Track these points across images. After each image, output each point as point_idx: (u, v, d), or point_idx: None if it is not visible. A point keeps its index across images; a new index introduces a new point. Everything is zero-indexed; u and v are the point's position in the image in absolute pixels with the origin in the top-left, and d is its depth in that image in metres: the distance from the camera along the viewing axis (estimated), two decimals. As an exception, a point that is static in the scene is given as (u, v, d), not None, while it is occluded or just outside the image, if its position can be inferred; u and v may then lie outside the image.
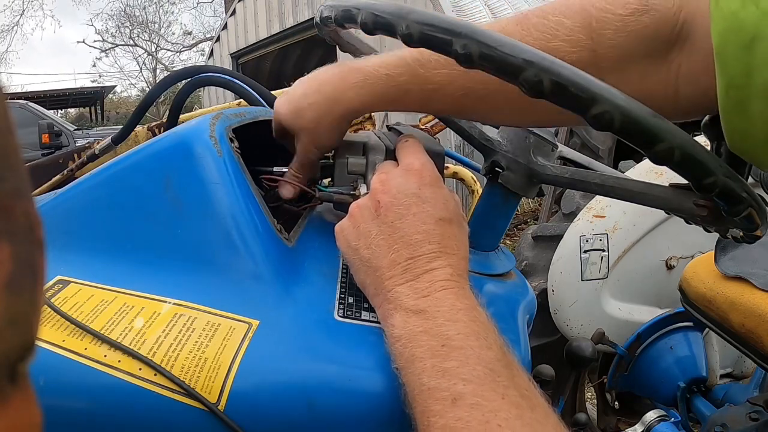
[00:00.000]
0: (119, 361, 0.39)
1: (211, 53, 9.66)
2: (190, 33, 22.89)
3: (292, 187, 0.56)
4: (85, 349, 0.39)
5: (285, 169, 0.57)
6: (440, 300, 0.41)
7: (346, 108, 0.50)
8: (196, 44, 21.94)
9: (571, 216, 1.68)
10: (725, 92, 0.37)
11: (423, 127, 1.41)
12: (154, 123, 1.29)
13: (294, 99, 0.53)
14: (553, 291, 1.44)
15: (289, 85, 0.57)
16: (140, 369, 0.38)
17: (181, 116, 0.95)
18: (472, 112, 0.53)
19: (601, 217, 1.41)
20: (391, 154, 0.52)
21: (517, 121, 0.54)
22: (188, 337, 0.40)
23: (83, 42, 23.17)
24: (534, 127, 0.57)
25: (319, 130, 0.52)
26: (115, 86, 21.60)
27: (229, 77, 0.90)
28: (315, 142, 0.53)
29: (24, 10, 21.33)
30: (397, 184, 0.45)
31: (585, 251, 1.40)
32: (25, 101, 9.57)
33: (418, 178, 0.46)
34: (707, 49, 0.38)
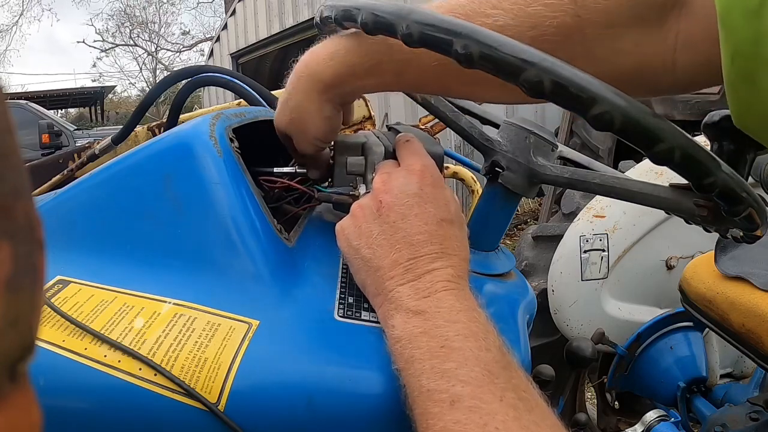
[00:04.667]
0: (119, 361, 0.39)
1: (211, 53, 9.66)
2: (188, 32, 22.91)
3: (315, 170, 0.56)
4: (85, 349, 0.39)
5: (286, 170, 0.56)
6: (440, 301, 0.40)
7: (320, 82, 0.48)
8: (196, 44, 21.95)
9: (571, 216, 1.68)
10: (730, 61, 0.34)
11: (423, 127, 1.41)
12: (154, 123, 1.29)
13: (281, 97, 0.52)
14: (553, 291, 1.44)
15: None
16: (140, 369, 0.38)
17: (181, 116, 0.95)
18: (451, 85, 0.50)
19: (601, 217, 1.41)
20: (390, 154, 0.52)
21: (499, 96, 0.52)
22: (188, 337, 0.40)
23: (83, 42, 23.17)
24: (517, 103, 0.56)
25: (304, 117, 0.50)
26: (115, 86, 21.63)
27: (229, 77, 0.90)
28: (305, 133, 0.51)
29: (23, 10, 21.36)
30: (399, 184, 0.45)
31: (585, 251, 1.40)
32: (25, 101, 9.57)
33: (420, 178, 0.45)
34: (708, 14, 0.35)
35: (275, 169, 0.56)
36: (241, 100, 0.95)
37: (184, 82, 0.92)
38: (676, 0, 0.40)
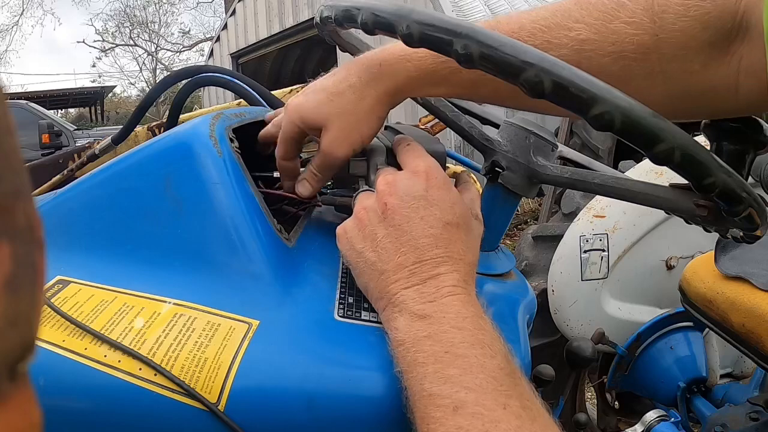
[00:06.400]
0: (119, 361, 0.39)
1: (211, 53, 9.66)
2: (188, 32, 22.93)
3: (309, 185, 0.52)
4: (85, 349, 0.39)
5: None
6: (446, 306, 0.40)
7: (392, 83, 0.46)
8: (195, 44, 21.96)
9: (571, 216, 1.68)
10: None
11: (423, 127, 1.41)
12: (154, 123, 1.28)
13: (326, 87, 0.48)
14: (553, 291, 1.44)
15: (289, 85, 0.55)
16: (140, 369, 0.38)
17: (181, 116, 0.95)
18: (527, 99, 0.50)
19: (601, 217, 1.41)
20: (391, 154, 0.52)
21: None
22: (188, 337, 0.40)
23: (83, 42, 23.16)
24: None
25: (359, 114, 0.47)
26: (115, 86, 21.63)
27: (229, 77, 0.90)
28: (350, 132, 0.48)
29: (24, 10, 21.36)
30: (404, 186, 0.44)
31: (585, 251, 1.40)
32: (25, 101, 9.57)
33: (426, 181, 0.45)
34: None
35: (276, 174, 0.56)
36: (241, 100, 0.95)
37: (184, 82, 0.92)
38: (740, 26, 0.41)
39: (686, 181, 0.39)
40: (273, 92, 0.92)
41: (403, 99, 0.49)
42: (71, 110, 20.27)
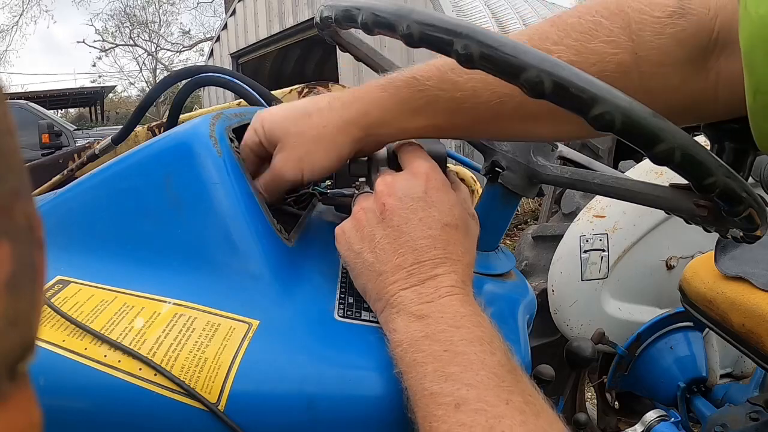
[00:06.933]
0: (119, 361, 0.39)
1: (211, 53, 9.67)
2: (188, 32, 22.95)
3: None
4: (85, 349, 0.39)
5: None
6: (444, 306, 0.40)
7: (361, 112, 0.46)
8: (195, 44, 21.98)
9: (571, 216, 1.68)
10: (753, 96, 0.37)
11: (423, 127, 1.41)
12: (154, 123, 1.28)
13: (300, 105, 0.48)
14: (553, 291, 1.44)
15: (289, 85, 0.55)
16: (140, 369, 0.38)
17: (181, 116, 0.95)
18: (507, 124, 0.48)
19: (601, 217, 1.41)
20: (392, 155, 0.52)
21: (557, 133, 0.51)
22: (188, 337, 0.40)
23: (83, 42, 23.17)
24: (574, 140, 0.56)
25: (317, 139, 0.47)
26: (115, 86, 21.65)
27: (229, 77, 0.90)
28: (302, 156, 0.48)
29: (24, 11, 21.37)
30: (403, 187, 0.44)
31: (585, 251, 1.40)
32: (25, 101, 9.57)
33: (425, 182, 0.45)
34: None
35: None
36: (241, 100, 0.95)
37: (184, 82, 0.92)
38: (716, 43, 0.42)
39: (686, 181, 0.39)
40: (273, 92, 0.92)
41: (373, 136, 0.48)
42: (71, 110, 20.29)
